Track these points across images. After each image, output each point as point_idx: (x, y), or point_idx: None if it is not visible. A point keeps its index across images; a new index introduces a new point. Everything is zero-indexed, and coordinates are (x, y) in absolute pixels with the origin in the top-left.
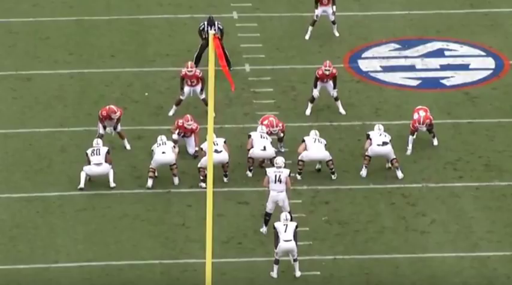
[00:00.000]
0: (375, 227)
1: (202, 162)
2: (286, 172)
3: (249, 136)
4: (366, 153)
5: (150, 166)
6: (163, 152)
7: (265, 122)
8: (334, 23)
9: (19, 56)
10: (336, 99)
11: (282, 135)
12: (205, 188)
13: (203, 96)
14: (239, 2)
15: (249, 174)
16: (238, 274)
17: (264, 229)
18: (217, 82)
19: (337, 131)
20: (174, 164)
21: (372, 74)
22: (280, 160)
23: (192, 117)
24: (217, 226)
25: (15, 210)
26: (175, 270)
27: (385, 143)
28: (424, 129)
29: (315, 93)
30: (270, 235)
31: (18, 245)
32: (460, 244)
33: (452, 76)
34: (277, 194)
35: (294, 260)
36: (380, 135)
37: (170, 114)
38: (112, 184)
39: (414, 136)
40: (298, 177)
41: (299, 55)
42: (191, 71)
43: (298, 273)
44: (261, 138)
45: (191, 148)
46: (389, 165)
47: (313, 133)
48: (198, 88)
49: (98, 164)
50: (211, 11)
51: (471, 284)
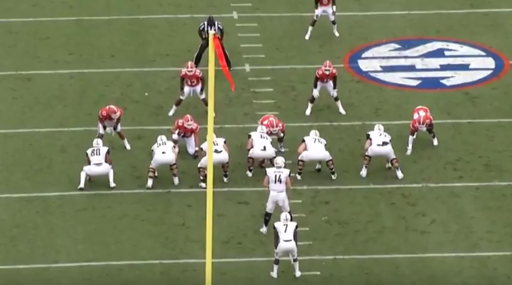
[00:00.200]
0: (375, 227)
1: (202, 162)
2: (286, 172)
3: (249, 136)
4: (366, 153)
5: (150, 166)
6: (163, 152)
7: (265, 122)
8: (334, 23)
9: (19, 56)
10: (336, 99)
11: (282, 135)
12: (205, 188)
13: (203, 96)
14: (239, 2)
15: (249, 174)
16: (238, 274)
17: (264, 229)
18: (217, 82)
19: (337, 131)
20: (174, 164)
21: (372, 74)
22: (280, 160)
23: (192, 117)
24: (217, 226)
25: (15, 210)
26: (175, 270)
27: (385, 143)
28: (424, 129)
29: (315, 93)
30: (270, 235)
31: (18, 245)
32: (460, 244)
33: (452, 76)
34: (277, 194)
35: (294, 260)
36: (380, 135)
37: (170, 114)
38: (112, 184)
39: (414, 136)
40: (298, 177)
41: (299, 55)
42: (191, 71)
43: (298, 273)
44: (261, 138)
45: (191, 148)
46: (389, 165)
47: (313, 133)
48: (198, 88)
49: (98, 164)
50: (211, 11)
51: (471, 284)
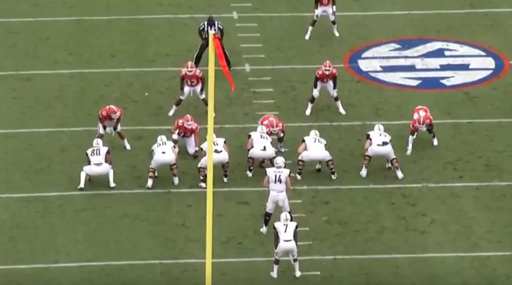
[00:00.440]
0: (375, 227)
1: (202, 162)
2: (286, 172)
3: (249, 136)
4: (366, 153)
5: (150, 166)
6: (163, 152)
7: (265, 122)
8: (334, 23)
9: (19, 56)
10: (336, 99)
11: (282, 135)
12: (205, 188)
13: (203, 96)
14: (239, 2)
15: (249, 174)
16: (238, 274)
17: (264, 229)
18: (217, 82)
19: (337, 131)
20: (174, 164)
21: (372, 74)
22: (280, 160)
23: (192, 117)
24: (217, 226)
25: (15, 210)
26: (175, 270)
27: (385, 143)
28: (424, 129)
29: (315, 93)
30: (270, 234)
31: (18, 245)
32: (460, 244)
33: (452, 76)
34: (277, 194)
35: (294, 260)
36: (380, 135)
37: (170, 114)
38: (112, 184)
39: (414, 136)
40: (298, 177)
41: (299, 55)
42: (191, 71)
43: (298, 273)
44: (261, 138)
45: (191, 148)
46: (389, 165)
47: (313, 133)
48: (198, 88)
49: (98, 164)
50: (211, 11)
51: (471, 284)
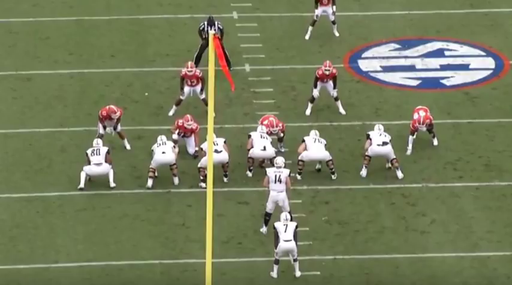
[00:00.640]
0: (375, 227)
1: (202, 162)
2: (286, 172)
3: (249, 136)
4: (366, 153)
5: (150, 166)
6: (163, 152)
7: (265, 122)
8: (334, 23)
9: (19, 56)
10: (336, 99)
11: (282, 135)
12: (205, 188)
13: (203, 96)
14: (239, 2)
15: (249, 174)
16: (238, 274)
17: (264, 229)
18: (217, 82)
19: (337, 131)
20: (174, 164)
21: (372, 74)
22: (280, 160)
23: (192, 117)
24: (217, 226)
25: (15, 210)
26: (175, 270)
27: (385, 143)
28: (424, 129)
29: (315, 93)
30: (270, 234)
31: (18, 245)
32: (460, 244)
33: (452, 76)
34: (277, 194)
35: (294, 260)
36: (380, 135)
37: (170, 114)
38: (112, 184)
39: (414, 136)
40: (298, 177)
41: (299, 55)
42: (191, 71)
43: (298, 273)
44: (261, 138)
45: (191, 148)
46: (389, 165)
47: (313, 133)
48: (198, 88)
49: (98, 164)
50: (211, 11)
51: (471, 284)
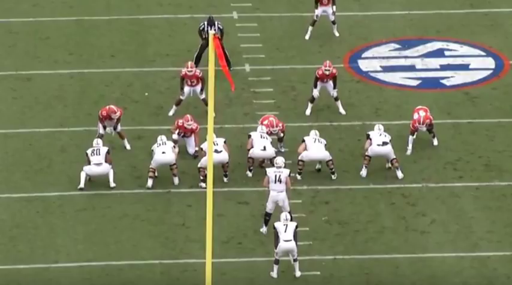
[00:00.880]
0: (375, 227)
1: (202, 162)
2: (286, 172)
3: (249, 136)
4: (366, 153)
5: (150, 166)
6: (163, 152)
7: (265, 122)
8: (334, 23)
9: (19, 56)
10: (336, 99)
11: (282, 135)
12: (205, 188)
13: (203, 96)
14: (239, 2)
15: (249, 174)
16: (238, 274)
17: (264, 229)
18: (217, 82)
19: (337, 131)
20: (174, 164)
21: (372, 74)
22: (280, 160)
23: (192, 117)
24: (217, 226)
25: (15, 210)
26: (175, 270)
27: (385, 143)
28: (424, 129)
29: (315, 93)
30: (270, 234)
31: (18, 245)
32: (460, 244)
33: (452, 76)
34: (277, 194)
35: (294, 260)
36: (380, 135)
37: (170, 114)
38: (112, 184)
39: (414, 136)
40: (298, 177)
41: (299, 55)
42: (191, 71)
43: (298, 273)
44: (261, 138)
45: (191, 148)
46: (389, 165)
47: (313, 133)
48: (198, 88)
49: (98, 164)
50: (211, 11)
51: (471, 284)
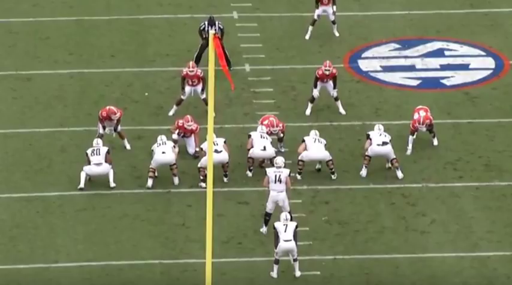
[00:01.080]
0: (375, 227)
1: (202, 162)
2: (286, 172)
3: (249, 136)
4: (366, 153)
5: (150, 166)
6: (163, 152)
7: (266, 122)
8: (334, 22)
9: (19, 56)
10: (336, 99)
11: (282, 135)
12: (205, 188)
13: (204, 95)
14: (239, 2)
15: (249, 174)
16: (238, 274)
17: (264, 229)
18: (217, 82)
19: (337, 131)
20: (174, 164)
21: (372, 74)
22: (280, 160)
23: (192, 118)
24: (217, 226)
25: (15, 210)
26: (175, 270)
27: (385, 143)
28: (424, 129)
29: (315, 93)
30: (270, 235)
31: (18, 245)
32: (460, 244)
33: (452, 76)
34: (278, 194)
35: (294, 260)
36: (380, 135)
37: (170, 113)
38: (112, 184)
39: (414, 136)
40: (298, 177)
41: (299, 55)
42: (193, 71)
43: (298, 273)
44: (261, 137)
45: (191, 148)
46: (389, 165)
47: (313, 133)
48: (199, 88)
49: (98, 164)
50: (211, 11)
51: (471, 284)
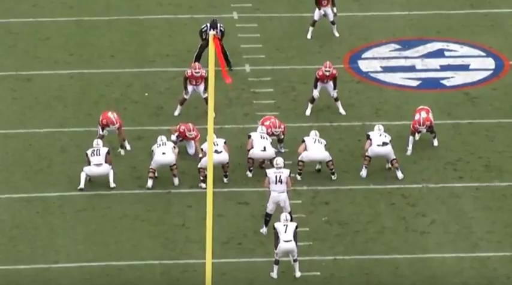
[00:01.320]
0: (375, 228)
1: (202, 162)
2: (287, 172)
3: (249, 137)
4: (366, 153)
5: (150, 167)
6: (163, 153)
7: (267, 123)
8: (333, 23)
9: (19, 56)
10: (336, 100)
11: (282, 137)
12: (205, 188)
13: (206, 95)
14: (239, 3)
15: (249, 174)
16: (238, 274)
17: (264, 230)
18: (218, 82)
19: (337, 131)
20: (174, 164)
21: (372, 74)
22: (280, 161)
23: (193, 126)
24: (217, 226)
25: (15, 210)
26: (175, 271)
27: (385, 144)
28: (424, 130)
29: (315, 93)
30: (270, 235)
31: (18, 245)
32: (460, 244)
33: (452, 77)
34: (278, 195)
35: (294, 261)
36: (380, 136)
37: (176, 114)
38: (112, 185)
39: (416, 138)
40: (298, 177)
41: (299, 55)
42: (198, 72)
43: (298, 273)
44: (261, 138)
45: (191, 149)
46: (389, 165)
47: (313, 134)
48: (201, 87)
49: (98, 165)
50: (211, 12)
51: (471, 284)
